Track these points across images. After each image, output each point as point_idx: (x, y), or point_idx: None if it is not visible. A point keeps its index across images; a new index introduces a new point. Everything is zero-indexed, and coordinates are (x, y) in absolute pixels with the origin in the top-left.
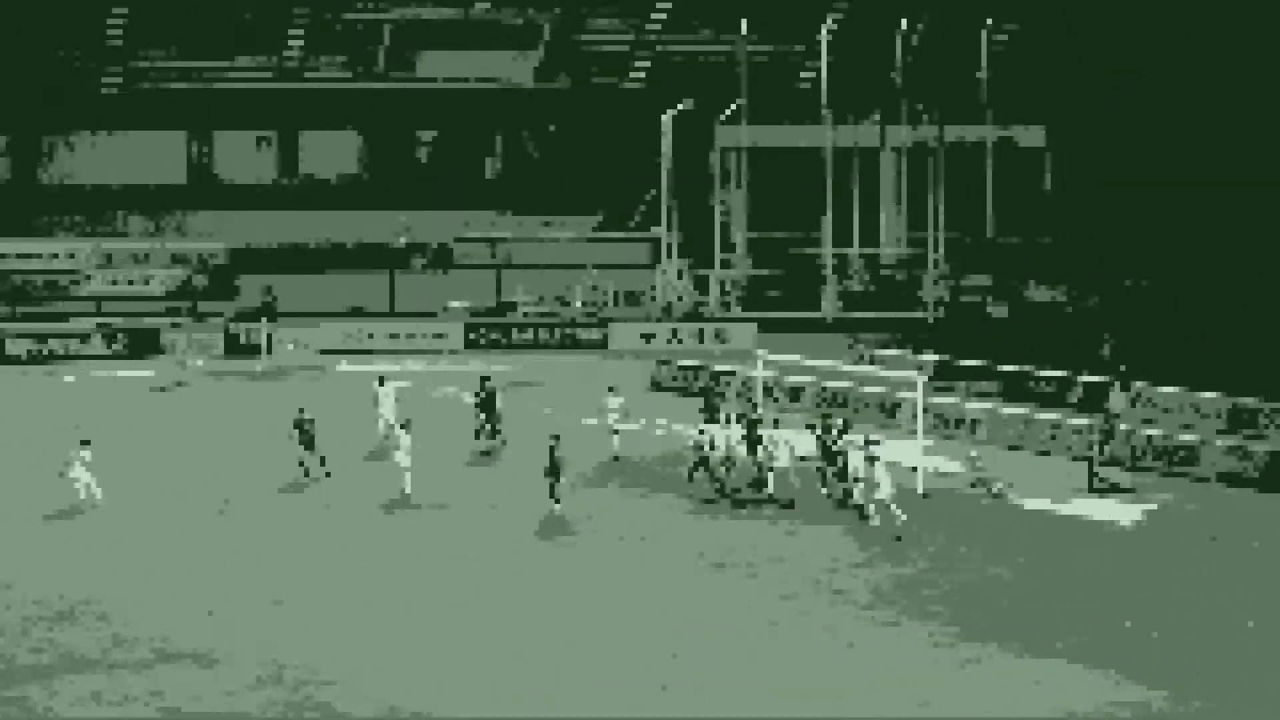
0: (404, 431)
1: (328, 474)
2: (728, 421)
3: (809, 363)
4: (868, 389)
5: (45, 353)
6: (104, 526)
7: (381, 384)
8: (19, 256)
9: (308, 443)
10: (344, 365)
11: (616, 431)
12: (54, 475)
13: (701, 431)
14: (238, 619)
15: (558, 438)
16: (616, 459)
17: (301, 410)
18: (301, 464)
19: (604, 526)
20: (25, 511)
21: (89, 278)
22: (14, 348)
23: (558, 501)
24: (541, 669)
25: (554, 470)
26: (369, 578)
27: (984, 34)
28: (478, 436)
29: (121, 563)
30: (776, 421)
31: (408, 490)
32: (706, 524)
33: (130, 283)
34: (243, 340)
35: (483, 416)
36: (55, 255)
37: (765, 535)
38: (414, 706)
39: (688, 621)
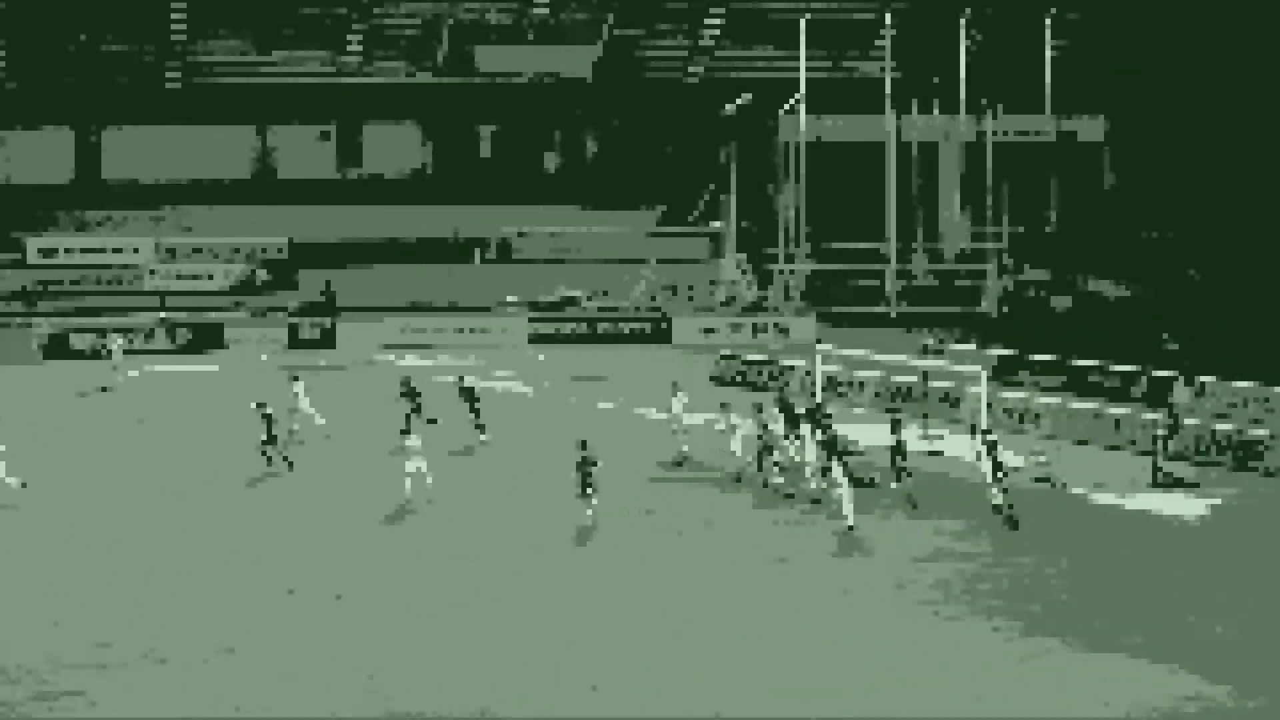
0: (411, 435)
1: (274, 464)
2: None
3: (871, 356)
4: (930, 383)
5: (108, 348)
6: (128, 522)
7: (295, 380)
8: (82, 251)
9: (268, 434)
10: (407, 359)
11: (678, 431)
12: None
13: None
14: (297, 618)
15: (585, 443)
16: (679, 463)
17: (263, 404)
18: (265, 455)
19: (663, 523)
20: (62, 509)
21: (152, 272)
22: (78, 342)
23: (589, 509)
24: (596, 667)
25: (584, 478)
26: (409, 579)
27: (1046, 26)
28: (479, 430)
29: (155, 557)
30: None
31: (409, 495)
32: (767, 519)
33: (193, 277)
34: (304, 334)
35: (471, 415)
36: (118, 250)
37: (826, 531)
38: (500, 709)
39: (744, 617)
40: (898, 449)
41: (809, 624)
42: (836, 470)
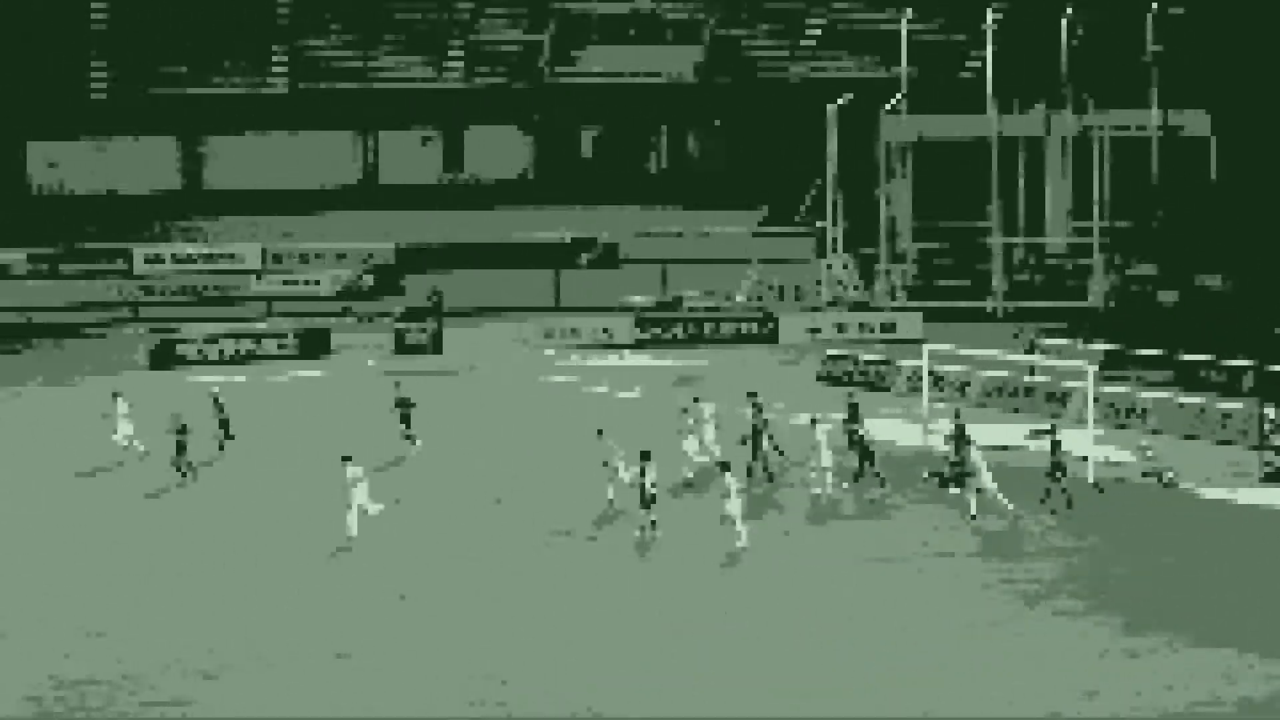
0: (350, 464)
1: (191, 477)
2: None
3: (976, 353)
4: (1037, 379)
5: (217, 354)
6: (227, 528)
7: (116, 398)
8: (189, 258)
9: (181, 447)
10: (514, 361)
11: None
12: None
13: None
14: (409, 623)
15: (648, 453)
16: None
17: (177, 415)
18: (179, 469)
19: (772, 523)
20: (157, 519)
21: (258, 279)
22: (185, 350)
23: (649, 526)
24: (697, 670)
25: (645, 497)
26: (516, 585)
27: (1149, 20)
28: (410, 440)
29: (255, 564)
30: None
31: (353, 533)
32: (867, 522)
33: (299, 283)
34: (410, 339)
35: (401, 424)
36: (224, 256)
37: (931, 530)
38: (603, 708)
39: (852, 617)
40: (959, 449)
41: (919, 619)
42: (730, 481)
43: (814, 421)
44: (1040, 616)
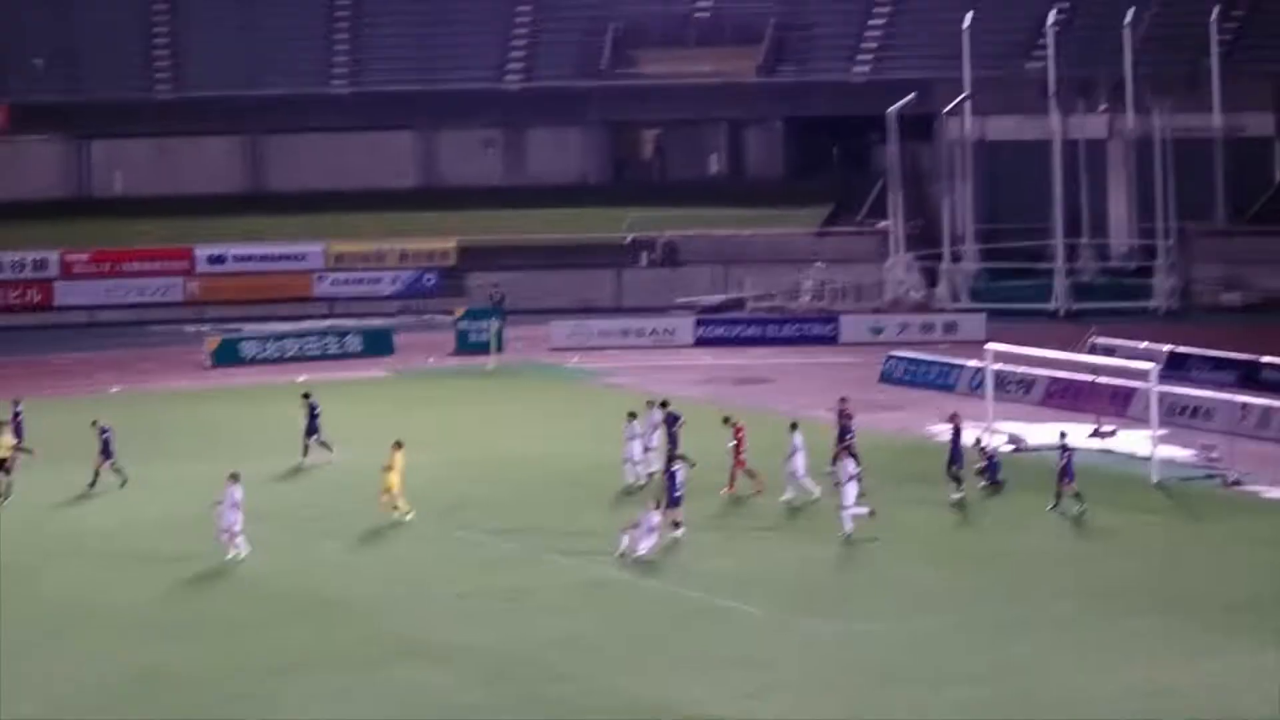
0: (232, 482)
1: (119, 480)
2: None
3: (1040, 353)
4: (1100, 379)
5: (278, 354)
6: (336, 524)
7: None
8: (251, 259)
9: (104, 450)
10: (574, 361)
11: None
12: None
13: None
14: (473, 616)
15: (673, 455)
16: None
17: (95, 420)
18: (96, 474)
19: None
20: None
21: (320, 279)
22: (247, 350)
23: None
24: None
25: (670, 499)
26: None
27: (1212, 21)
28: (305, 453)
29: (316, 565)
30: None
31: (238, 556)
32: (927, 522)
33: (361, 283)
34: (472, 338)
35: (305, 432)
36: (287, 257)
37: (991, 532)
38: (654, 699)
39: (910, 613)
40: (954, 457)
41: (984, 615)
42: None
43: (794, 426)
44: (1105, 615)
